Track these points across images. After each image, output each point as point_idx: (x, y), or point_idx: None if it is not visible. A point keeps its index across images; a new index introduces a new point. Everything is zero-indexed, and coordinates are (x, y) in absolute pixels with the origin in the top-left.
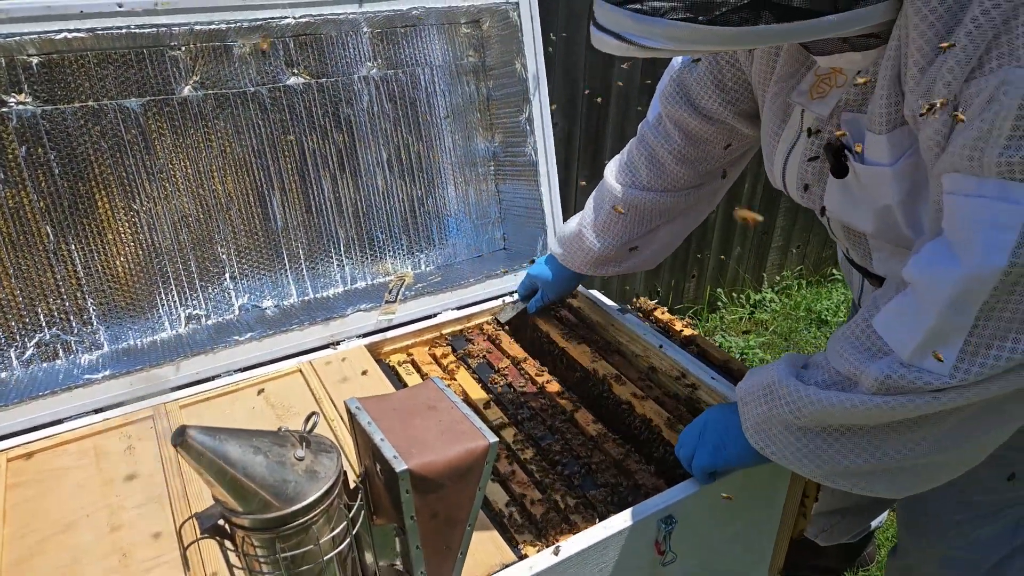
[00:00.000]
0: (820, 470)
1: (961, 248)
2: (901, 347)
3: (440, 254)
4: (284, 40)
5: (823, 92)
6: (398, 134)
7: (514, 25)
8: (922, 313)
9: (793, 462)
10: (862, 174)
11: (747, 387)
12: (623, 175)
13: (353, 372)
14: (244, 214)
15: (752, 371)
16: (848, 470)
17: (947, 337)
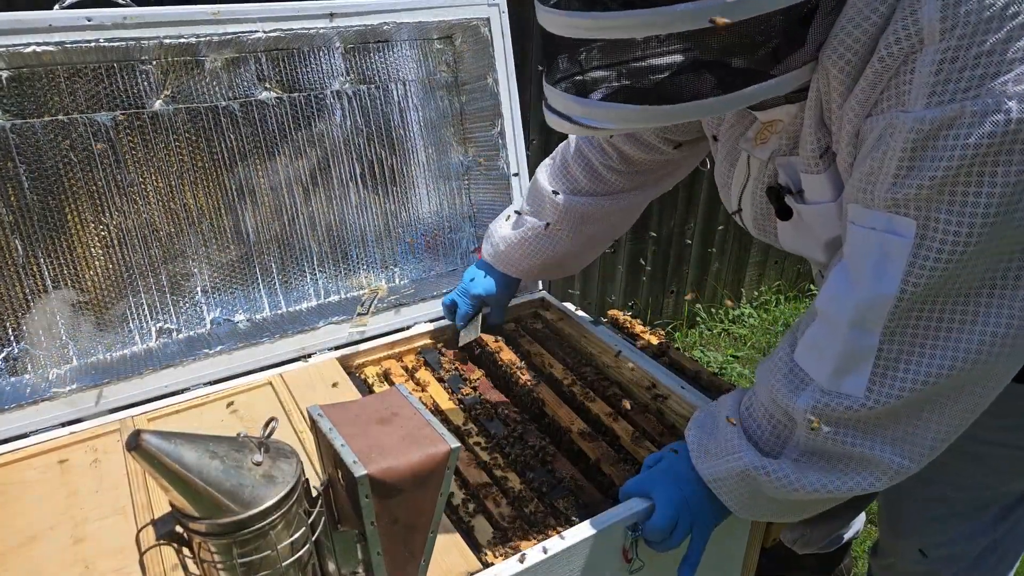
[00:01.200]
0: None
1: (856, 275)
2: (818, 375)
3: (414, 267)
4: (256, 54)
5: (765, 139)
6: (371, 148)
7: (485, 40)
8: (831, 339)
9: (787, 519)
10: (805, 213)
11: (716, 472)
12: (559, 181)
13: (324, 384)
14: (216, 228)
15: (702, 436)
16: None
17: (857, 361)
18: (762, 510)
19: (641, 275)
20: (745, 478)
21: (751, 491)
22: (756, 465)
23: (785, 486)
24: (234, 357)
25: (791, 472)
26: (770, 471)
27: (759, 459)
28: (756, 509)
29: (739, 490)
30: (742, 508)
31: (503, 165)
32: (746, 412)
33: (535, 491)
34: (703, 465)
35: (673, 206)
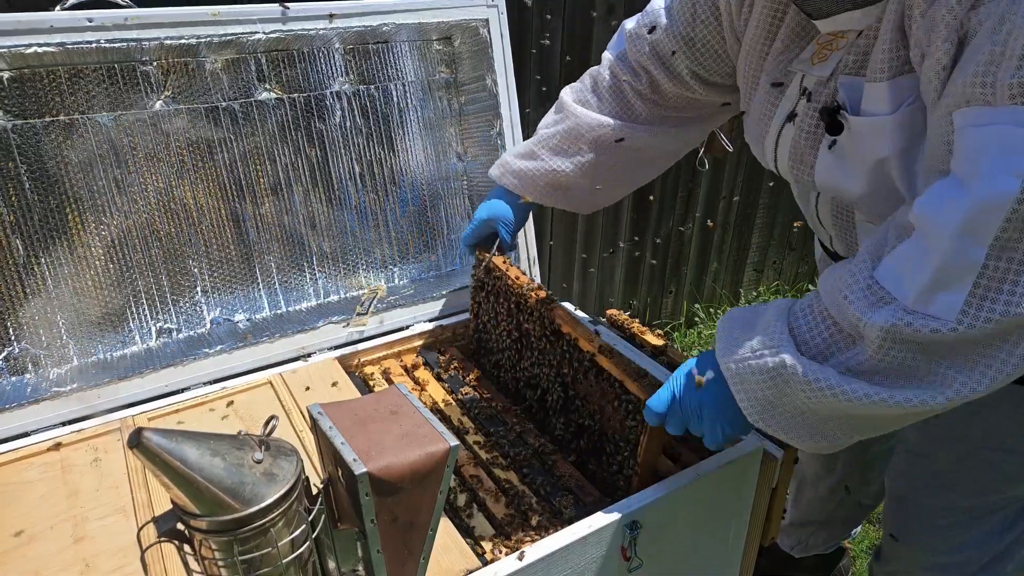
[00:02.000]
0: (827, 445)
1: (969, 177)
2: (905, 293)
3: (413, 267)
4: (256, 55)
5: (824, 57)
6: (371, 149)
7: (484, 41)
8: (929, 253)
9: (797, 440)
10: (857, 128)
11: (744, 367)
12: (583, 95)
13: (323, 384)
14: (216, 228)
15: (734, 328)
16: (852, 440)
17: (954, 278)
18: (778, 420)
19: (640, 276)
20: (775, 377)
21: (775, 394)
22: (795, 363)
23: (823, 390)
24: (234, 357)
25: (833, 377)
26: (809, 372)
27: (800, 357)
28: (772, 418)
29: (762, 390)
30: (757, 413)
31: None
32: (799, 313)
33: (534, 490)
34: (728, 358)
35: (672, 206)
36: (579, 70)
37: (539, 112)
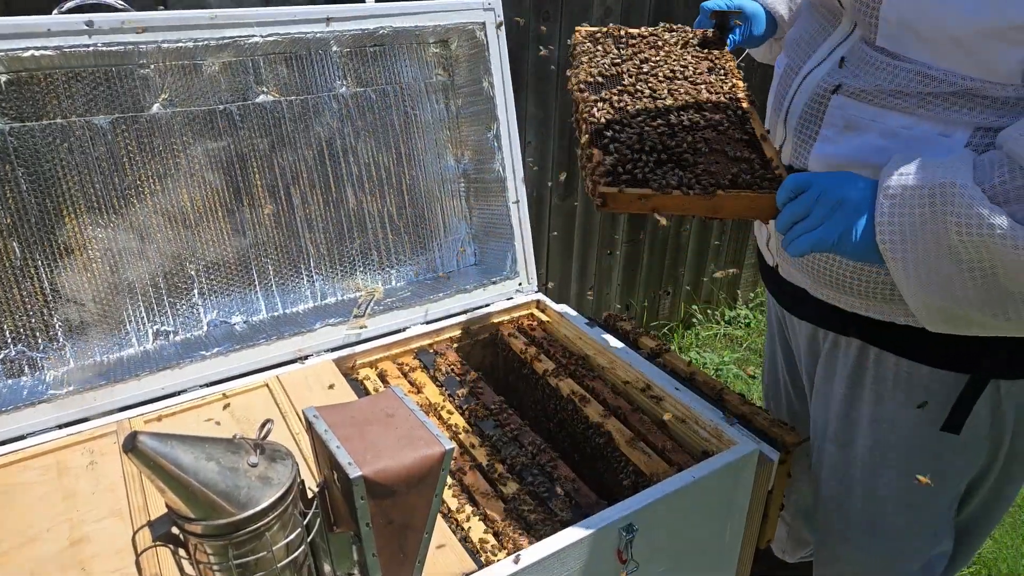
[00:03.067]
0: (935, 306)
1: None
2: None
3: (410, 269)
4: (253, 58)
5: None
6: (368, 151)
7: (481, 44)
8: None
9: (913, 284)
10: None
11: (903, 180)
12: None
13: (320, 386)
14: (213, 230)
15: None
16: (965, 318)
17: None
18: (909, 251)
19: (637, 276)
20: (936, 196)
21: (927, 217)
22: (967, 190)
23: (984, 228)
24: (231, 359)
25: (1004, 220)
26: (979, 203)
27: (975, 189)
28: (903, 245)
29: (912, 209)
30: (889, 233)
31: (499, 168)
32: (983, 158)
33: (530, 492)
34: (891, 172)
35: None
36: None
37: (536, 119)
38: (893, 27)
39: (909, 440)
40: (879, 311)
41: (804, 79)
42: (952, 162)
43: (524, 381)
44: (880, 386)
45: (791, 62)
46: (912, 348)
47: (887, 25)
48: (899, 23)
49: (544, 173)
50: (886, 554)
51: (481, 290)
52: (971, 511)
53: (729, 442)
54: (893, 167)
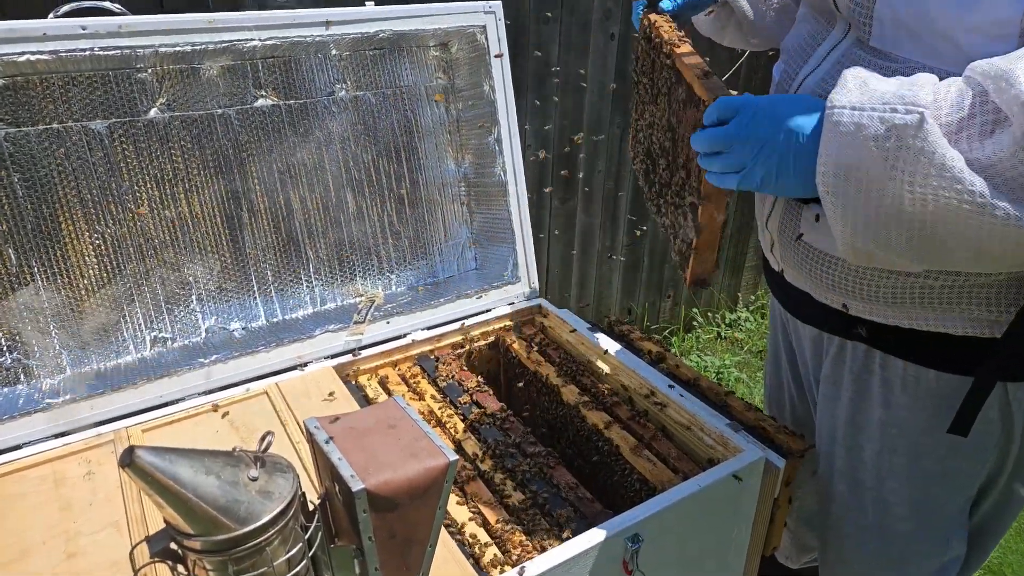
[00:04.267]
0: (863, 250)
1: None
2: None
3: (411, 275)
4: (252, 62)
5: None
6: (368, 155)
7: (482, 48)
8: None
9: (847, 230)
10: None
11: (865, 116)
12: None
13: (320, 393)
14: (211, 236)
15: (867, 75)
16: (888, 261)
17: None
18: (852, 188)
19: (638, 280)
20: (887, 130)
21: (872, 155)
22: (928, 124)
23: (938, 162)
24: (229, 367)
25: (954, 154)
26: (932, 138)
27: (934, 124)
28: (845, 182)
29: (860, 143)
30: (833, 169)
31: (499, 172)
32: (944, 85)
33: (534, 502)
34: (844, 99)
35: None
36: (574, 78)
37: (536, 122)
38: (887, 26)
39: (917, 444)
40: (883, 315)
41: (800, 85)
42: (917, 91)
43: (526, 387)
44: (887, 390)
45: (788, 68)
46: (918, 352)
47: (880, 25)
48: (892, 22)
49: (544, 177)
50: (896, 559)
51: (482, 295)
52: (983, 514)
53: (735, 449)
54: (844, 95)
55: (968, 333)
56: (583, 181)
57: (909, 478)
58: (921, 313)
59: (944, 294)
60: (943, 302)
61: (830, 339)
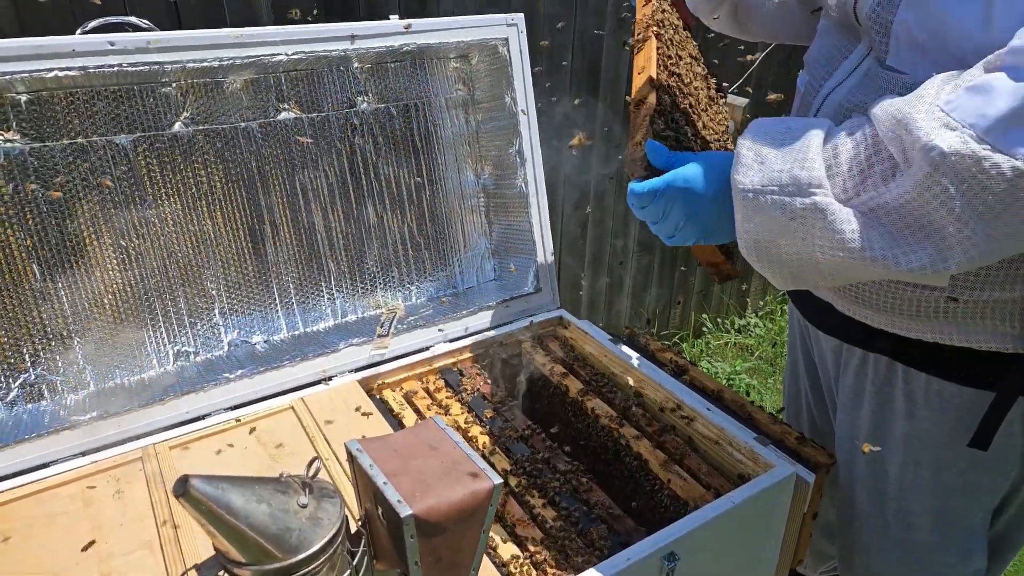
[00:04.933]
0: (798, 287)
1: None
2: (976, 120)
3: (431, 286)
4: (276, 75)
5: None
6: (389, 167)
7: (504, 60)
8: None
9: (776, 279)
10: None
11: (767, 201)
12: None
13: (346, 408)
14: (234, 249)
15: (764, 142)
16: (808, 284)
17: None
18: (770, 258)
19: (648, 286)
20: (797, 221)
21: (780, 228)
22: (827, 207)
23: (837, 237)
24: (255, 381)
25: (853, 225)
26: (830, 216)
27: (831, 204)
28: (764, 250)
29: (771, 230)
30: (752, 246)
31: (521, 184)
32: (841, 137)
33: (567, 519)
34: (747, 180)
35: None
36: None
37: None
38: (903, 46)
39: (940, 457)
40: (906, 328)
41: (826, 99)
42: (811, 169)
43: (550, 400)
44: (911, 403)
45: (812, 80)
46: (940, 365)
47: (897, 44)
48: (909, 42)
49: (556, 184)
50: (918, 570)
51: (503, 307)
52: (1002, 525)
53: (766, 465)
54: (748, 170)
55: (992, 348)
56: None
57: (932, 491)
58: (945, 327)
59: (968, 309)
60: (967, 317)
61: (851, 350)
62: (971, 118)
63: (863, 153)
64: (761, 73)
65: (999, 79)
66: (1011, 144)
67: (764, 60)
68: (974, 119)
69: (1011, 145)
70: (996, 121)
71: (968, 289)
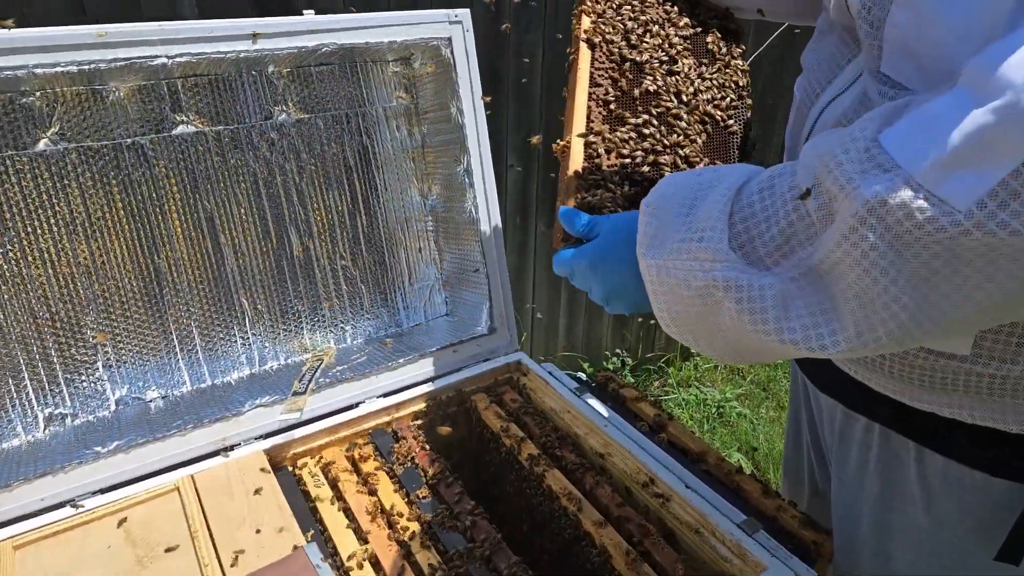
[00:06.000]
0: (738, 361)
1: None
2: (912, 159)
3: (370, 325)
4: (170, 81)
5: None
6: (315, 189)
7: (448, 64)
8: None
9: (697, 347)
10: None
11: (669, 274)
12: None
13: (244, 490)
14: (119, 289)
15: (668, 210)
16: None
17: (994, 152)
18: (692, 331)
19: None
20: (704, 297)
21: (687, 305)
22: (733, 283)
23: (756, 319)
24: (131, 457)
25: (774, 308)
26: (745, 299)
27: (741, 273)
28: (684, 328)
29: (676, 298)
30: (667, 319)
31: (470, 207)
32: (755, 193)
33: None
34: (651, 254)
35: None
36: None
37: (517, 136)
38: (895, 54)
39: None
40: (916, 397)
41: (822, 111)
42: (712, 238)
43: (502, 464)
44: (925, 492)
45: (809, 88)
46: (959, 448)
47: (891, 50)
48: (902, 49)
49: (528, 200)
50: None
51: (450, 352)
52: None
53: (756, 565)
54: (653, 241)
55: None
56: None
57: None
58: (965, 401)
59: (996, 384)
60: (992, 393)
61: (854, 417)
62: (907, 156)
63: (782, 209)
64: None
65: (946, 106)
66: (952, 192)
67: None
68: (910, 157)
69: (952, 194)
70: (935, 162)
71: (996, 361)
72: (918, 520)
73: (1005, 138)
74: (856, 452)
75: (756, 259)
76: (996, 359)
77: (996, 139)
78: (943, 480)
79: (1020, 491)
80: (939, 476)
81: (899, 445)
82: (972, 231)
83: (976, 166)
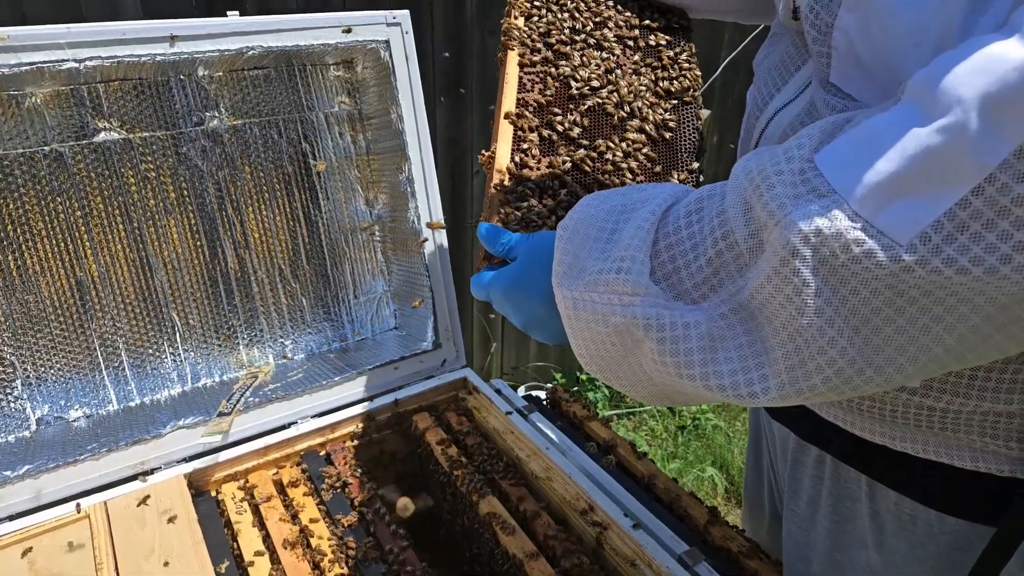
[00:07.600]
0: (665, 403)
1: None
2: (848, 185)
3: (311, 339)
4: (91, 86)
5: None
6: (250, 198)
7: (387, 67)
8: (912, 129)
9: (615, 385)
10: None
11: (585, 310)
12: None
13: (157, 518)
14: (36, 302)
15: (587, 237)
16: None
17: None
18: (611, 370)
19: None
20: (624, 334)
21: (604, 342)
22: (655, 321)
23: (680, 362)
24: (41, 482)
25: (700, 351)
26: (668, 339)
27: (664, 310)
28: (603, 366)
29: (593, 335)
30: (585, 356)
31: (413, 217)
32: (682, 217)
33: None
34: (567, 285)
35: None
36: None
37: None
38: (845, 61)
39: None
40: (868, 429)
41: (771, 119)
42: (631, 270)
43: (441, 488)
44: (877, 530)
45: (759, 96)
46: (914, 484)
47: (839, 57)
48: (851, 57)
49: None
50: None
51: (392, 369)
52: None
53: None
54: (563, 278)
55: (979, 468)
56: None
57: None
58: (917, 435)
59: (948, 418)
60: (945, 428)
61: (806, 447)
62: (844, 180)
63: (710, 237)
64: (728, 80)
65: (888, 123)
66: (892, 223)
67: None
68: (848, 182)
69: (892, 224)
70: (874, 188)
71: (947, 395)
72: (870, 560)
73: (952, 162)
74: (808, 484)
75: (682, 292)
76: (948, 393)
77: (942, 163)
78: (895, 518)
79: (975, 530)
80: (891, 513)
81: (851, 479)
82: (915, 268)
83: (920, 193)
